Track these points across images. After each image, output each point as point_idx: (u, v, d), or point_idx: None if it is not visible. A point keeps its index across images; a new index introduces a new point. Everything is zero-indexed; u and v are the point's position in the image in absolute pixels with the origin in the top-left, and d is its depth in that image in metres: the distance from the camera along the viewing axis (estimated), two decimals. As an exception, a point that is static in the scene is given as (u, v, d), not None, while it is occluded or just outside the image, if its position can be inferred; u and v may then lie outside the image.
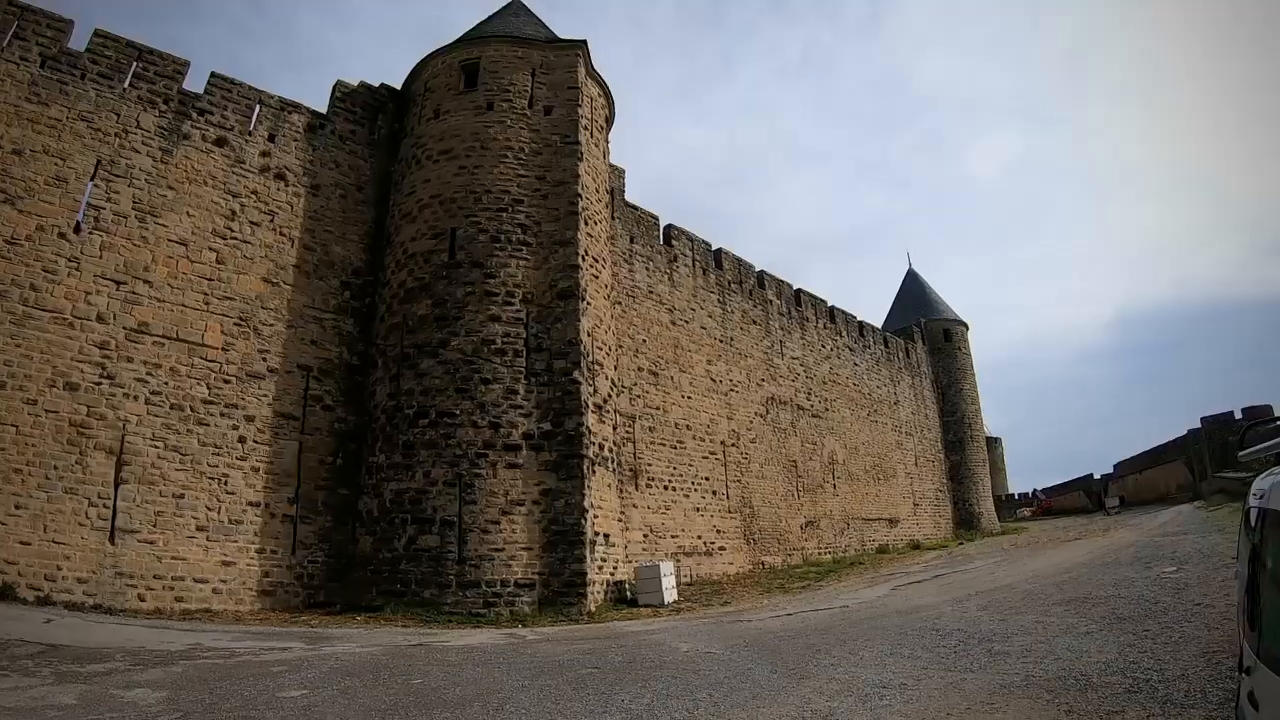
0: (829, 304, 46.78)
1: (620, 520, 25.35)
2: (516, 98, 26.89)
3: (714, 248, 38.05)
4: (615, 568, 23.53)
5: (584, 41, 28.59)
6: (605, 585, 22.50)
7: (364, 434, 23.99)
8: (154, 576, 19.95)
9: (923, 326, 60.48)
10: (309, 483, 22.98)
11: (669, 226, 35.55)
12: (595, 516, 22.54)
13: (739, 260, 39.21)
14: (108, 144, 22.58)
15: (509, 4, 32.25)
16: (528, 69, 27.50)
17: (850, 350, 47.46)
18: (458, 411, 22.52)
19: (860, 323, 50.12)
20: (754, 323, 38.62)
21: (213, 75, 25.13)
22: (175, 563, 20.32)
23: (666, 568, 23.74)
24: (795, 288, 43.73)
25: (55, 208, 21.42)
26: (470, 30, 29.85)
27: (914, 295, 66.08)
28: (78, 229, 21.54)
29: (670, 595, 23.07)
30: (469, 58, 27.71)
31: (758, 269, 40.79)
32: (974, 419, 59.61)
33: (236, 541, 21.37)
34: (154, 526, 20.34)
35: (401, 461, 22.43)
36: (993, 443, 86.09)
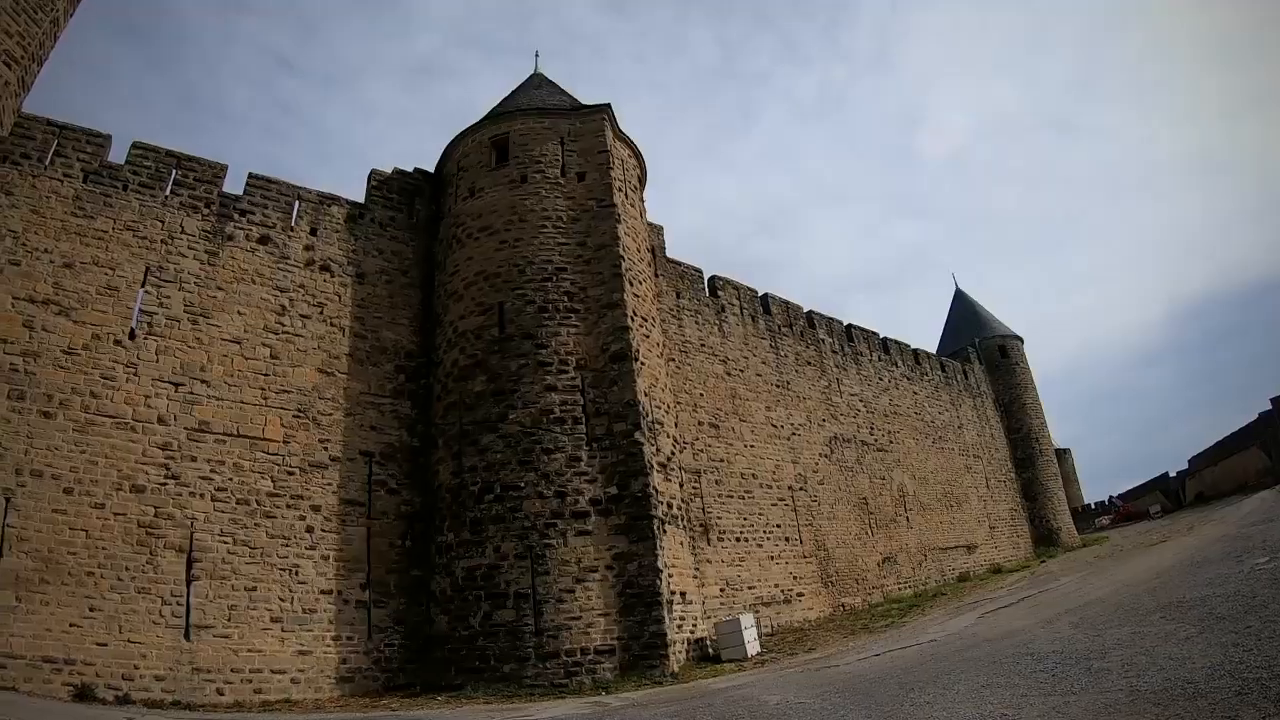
0: (881, 336, 46.53)
1: (695, 577, 25.24)
2: (549, 167, 27.37)
3: (760, 294, 38.23)
4: (695, 625, 23.31)
5: (608, 105, 29.08)
6: (686, 644, 22.26)
7: (431, 514, 24.15)
8: (231, 670, 20.23)
9: (977, 346, 59.72)
10: (380, 566, 23.15)
11: (713, 278, 35.86)
12: (670, 576, 22.37)
13: (786, 303, 39.33)
14: (155, 251, 23.47)
15: (530, 77, 32.98)
16: (556, 138, 28.01)
17: (908, 380, 47.11)
18: (522, 484, 22.58)
19: (915, 351, 49.74)
20: (808, 364, 38.58)
21: (250, 176, 25.97)
22: (252, 655, 20.60)
23: (747, 620, 23.54)
24: (846, 323, 43.59)
25: (109, 316, 22.31)
26: (496, 107, 30.54)
27: (964, 316, 65.38)
28: (132, 335, 22.39)
29: (753, 647, 22.84)
30: (498, 133, 28.34)
31: (806, 309, 40.81)
32: (1040, 433, 58.38)
33: (312, 630, 21.57)
34: (228, 620, 20.69)
35: (470, 538, 22.56)
36: (1062, 455, 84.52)
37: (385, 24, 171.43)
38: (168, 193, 24.41)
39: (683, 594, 22.99)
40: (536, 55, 35.49)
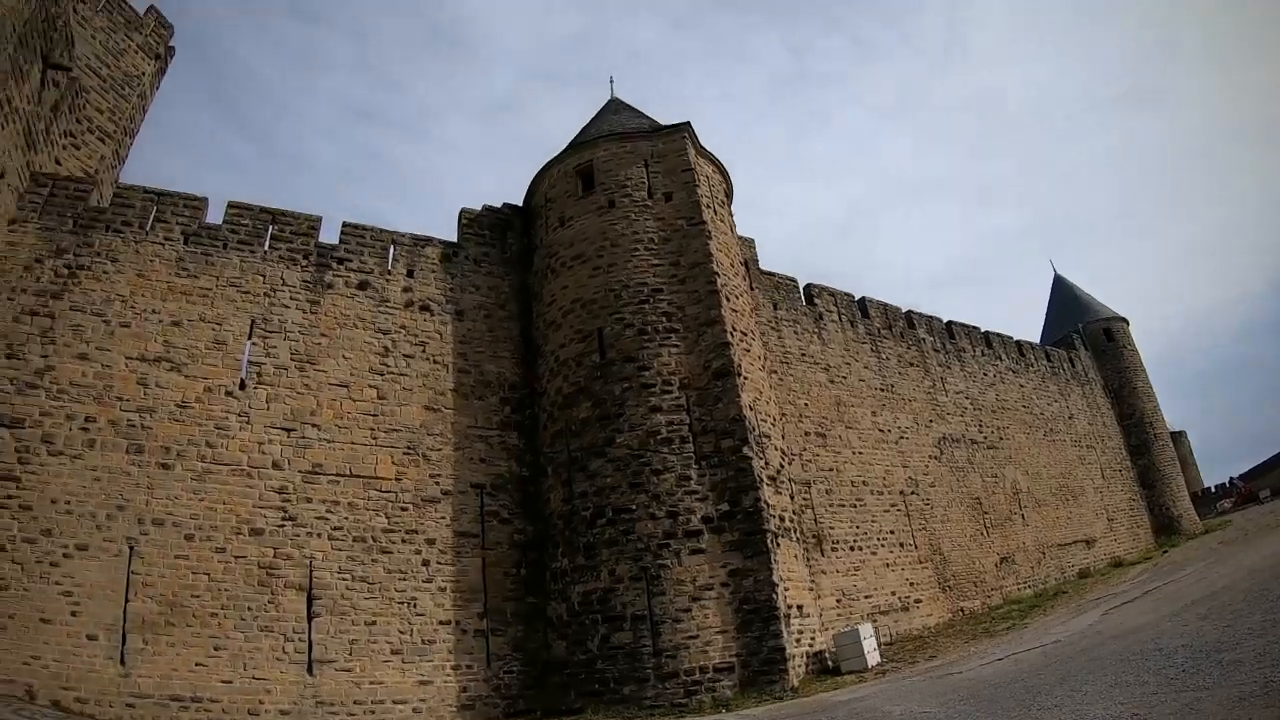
0: (982, 330, 45.85)
1: (811, 589, 25.19)
2: (635, 191, 27.83)
3: (857, 298, 38.11)
4: (813, 638, 23.26)
5: (688, 123, 29.44)
6: (805, 657, 22.22)
7: (544, 541, 24.68)
8: (354, 702, 21.14)
9: (1081, 331, 58.20)
10: (496, 595, 23.78)
11: (809, 286, 35.92)
12: (786, 590, 22.35)
13: (884, 305, 39.10)
14: (258, 304, 24.91)
15: (608, 103, 33.54)
16: (640, 161, 28.49)
17: (1013, 373, 46.30)
18: (634, 506, 22.91)
19: (1018, 342, 48.80)
20: (911, 364, 38.29)
21: (345, 225, 27.28)
22: (374, 687, 21.48)
23: (865, 630, 23.39)
24: (946, 320, 43.09)
25: (219, 369, 23.87)
26: (577, 136, 31.19)
27: (1065, 302, 63.75)
28: (242, 385, 23.84)
29: (873, 658, 22.69)
30: (582, 162, 28.95)
31: (904, 310, 40.50)
32: (1154, 417, 56.63)
33: (432, 661, 22.31)
34: (350, 654, 21.67)
35: (585, 563, 22.98)
36: (1177, 438, 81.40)
37: (458, 67, 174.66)
38: (266, 247, 25.89)
39: (799, 607, 22.94)
40: (611, 81, 36.22)
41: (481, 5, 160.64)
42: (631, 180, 28.03)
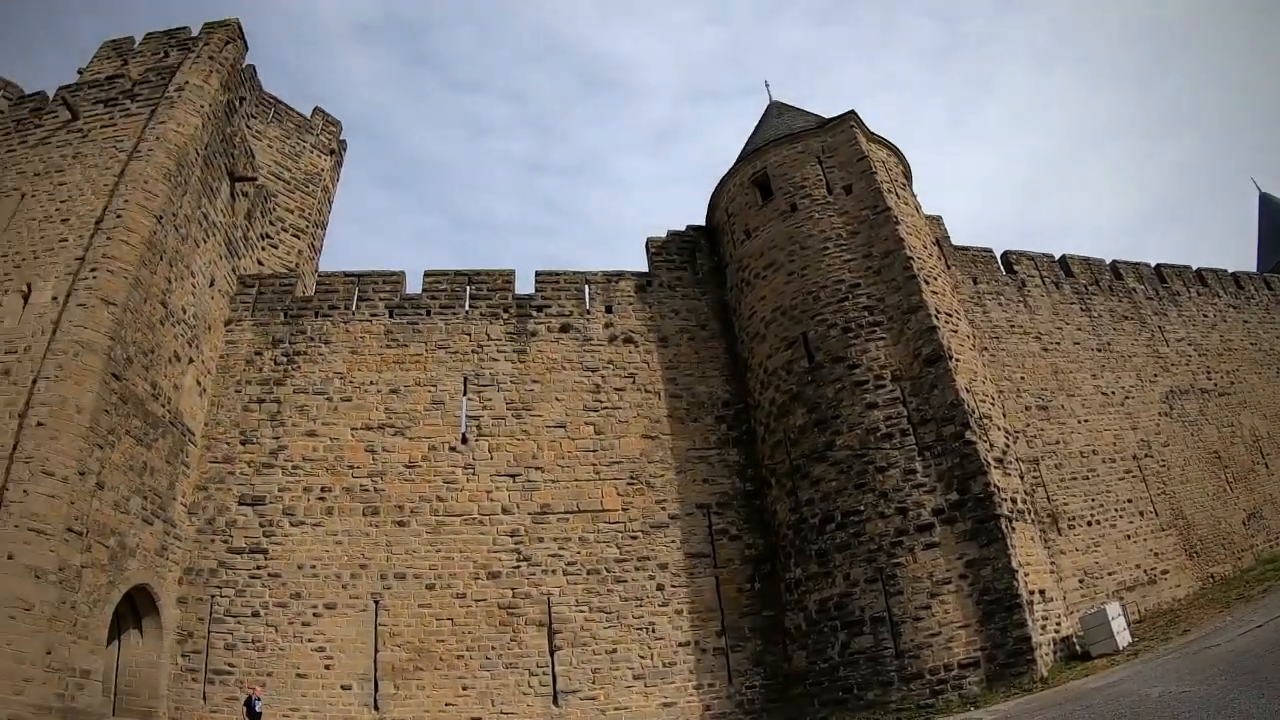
0: (1195, 268, 43.21)
1: (1051, 572, 24.38)
2: (814, 189, 27.83)
3: (1057, 257, 36.63)
4: (1058, 623, 22.42)
5: (852, 112, 29.26)
6: (1052, 644, 21.40)
7: (774, 553, 24.85)
8: None
9: (1302, 248, 54.03)
10: (732, 613, 24.12)
11: (1006, 253, 34.96)
12: (1026, 575, 21.62)
13: (1087, 260, 37.45)
14: (468, 361, 26.58)
15: (769, 108, 33.69)
16: (812, 159, 28.49)
17: (1234, 309, 43.17)
18: (861, 507, 22.80)
19: (1234, 275, 45.51)
20: (1125, 318, 36.45)
21: (538, 273, 28.70)
22: (619, 712, 22.40)
23: (1113, 610, 22.32)
24: (1154, 265, 40.88)
25: (440, 427, 25.67)
26: (745, 146, 31.48)
27: (1277, 221, 59.65)
28: (464, 440, 25.45)
29: (1123, 638, 21.65)
30: (755, 171, 29.26)
31: (1108, 261, 38.66)
32: (1404, 334, 51.81)
33: (673, 682, 22.95)
34: (593, 683, 22.70)
35: (818, 570, 22.99)
36: None
37: (615, 106, 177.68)
38: (467, 307, 27.70)
39: (1041, 592, 22.17)
40: (767, 85, 36.30)
41: (623, 43, 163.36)
42: (808, 180, 28.00)
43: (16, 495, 19.18)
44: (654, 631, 23.52)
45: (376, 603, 23.56)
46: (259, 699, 21.14)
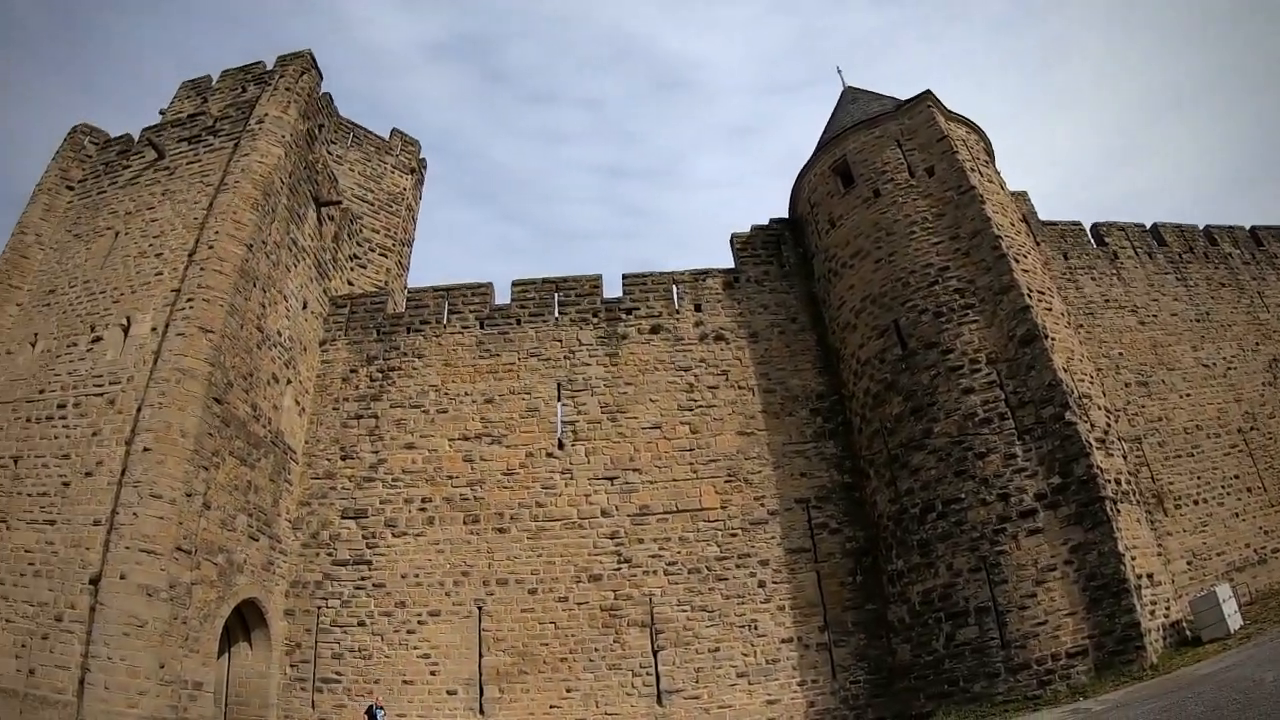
0: (1294, 224, 41.37)
1: (1159, 554, 23.59)
2: (896, 173, 27.51)
3: (1148, 226, 35.63)
4: (1167, 607, 21.55)
5: (928, 91, 28.83)
6: (1161, 630, 20.61)
7: (875, 545, 24.58)
8: None
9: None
10: (834, 607, 23.94)
11: (1095, 225, 34.18)
12: (1133, 559, 20.90)
13: (1179, 227, 36.30)
14: (561, 367, 26.95)
15: (843, 94, 33.38)
16: (891, 142, 28.17)
17: (1337, 264, 41.63)
18: (962, 494, 22.41)
19: (1334, 229, 43.77)
20: (1222, 285, 35.22)
21: (624, 276, 28.93)
22: (723, 711, 22.47)
23: (1223, 592, 21.46)
24: (1249, 227, 39.36)
25: (536, 434, 26.08)
26: (822, 135, 31.29)
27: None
28: (561, 445, 25.80)
29: (1234, 621, 20.82)
30: (835, 160, 29.05)
31: (1202, 227, 37.46)
32: None
33: (777, 679, 22.91)
34: (696, 682, 22.81)
35: (920, 561, 22.71)
36: None
37: (687, 105, 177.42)
38: (556, 314, 28.08)
39: (1149, 575, 21.36)
40: (839, 71, 35.30)
41: (691, 42, 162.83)
42: (889, 164, 27.71)
43: (127, 518, 20.15)
44: (756, 629, 23.52)
45: (480, 608, 24.04)
46: (381, 709, 21.85)
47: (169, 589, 19.97)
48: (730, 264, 29.70)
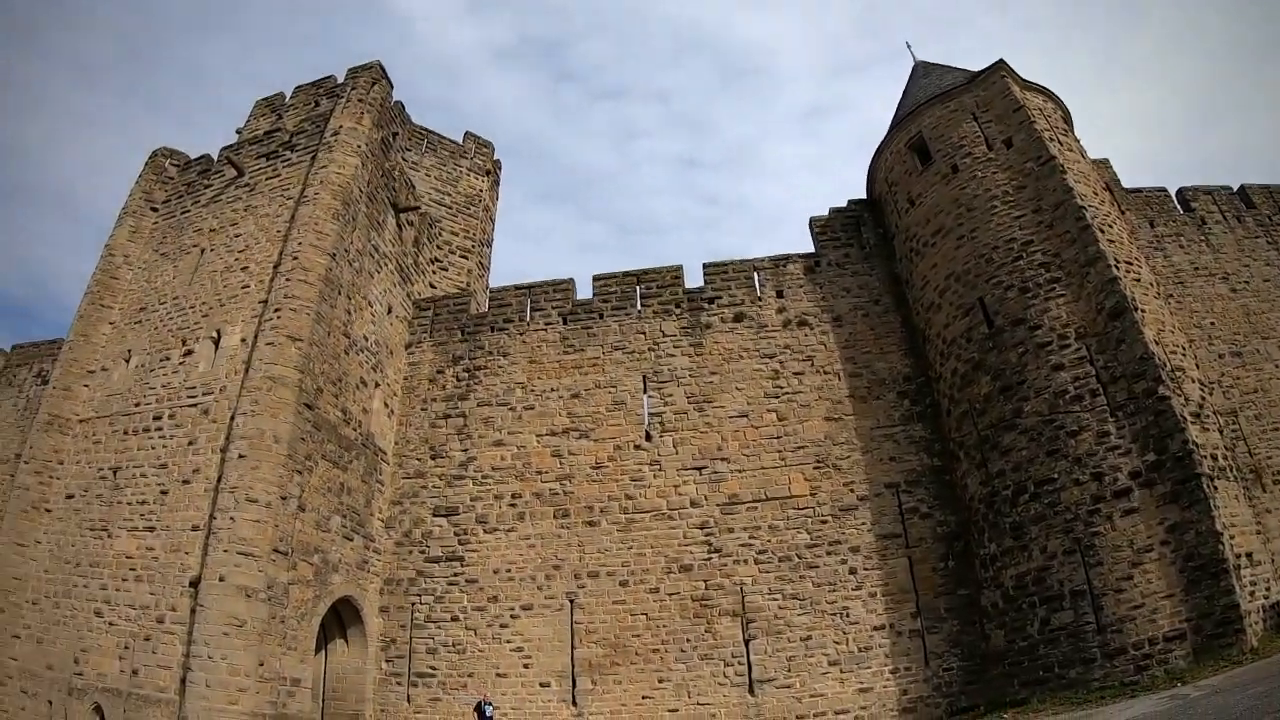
0: (1383, 182, 39.99)
1: (1258, 532, 22.65)
2: (973, 148, 27.02)
3: (1235, 188, 34.56)
4: (1267, 588, 20.51)
5: (1001, 61, 28.25)
6: (1262, 612, 19.67)
7: (967, 529, 24.20)
8: (796, 717, 22.27)
9: None
10: (926, 593, 23.66)
11: (1181, 190, 33.13)
12: (1231, 538, 20.01)
13: (1267, 189, 35.04)
14: (646, 359, 27.09)
15: (914, 69, 32.98)
16: (967, 116, 27.70)
17: None
18: (1055, 475, 21.88)
19: None
20: (1317, 246, 34.14)
21: (705, 265, 29.01)
22: (815, 700, 22.40)
23: None
24: (1341, 184, 38.09)
25: (623, 427, 26.31)
26: (896, 112, 30.91)
27: None
28: (648, 437, 26.00)
29: None
30: (911, 136, 28.70)
31: (1288, 183, 36.28)
32: None
33: (869, 667, 22.78)
34: (788, 671, 22.78)
35: (1013, 544, 22.23)
36: None
37: (756, 93, 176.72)
38: (639, 307, 28.30)
39: (1248, 555, 20.44)
40: (909, 46, 34.88)
41: (756, 29, 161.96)
42: (966, 138, 27.24)
43: (224, 522, 20.90)
44: (848, 616, 23.40)
45: (571, 601, 24.34)
46: (489, 704, 22.19)
47: (267, 589, 20.70)
48: (810, 248, 29.48)
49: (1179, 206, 32.60)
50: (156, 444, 24.16)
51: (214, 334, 24.98)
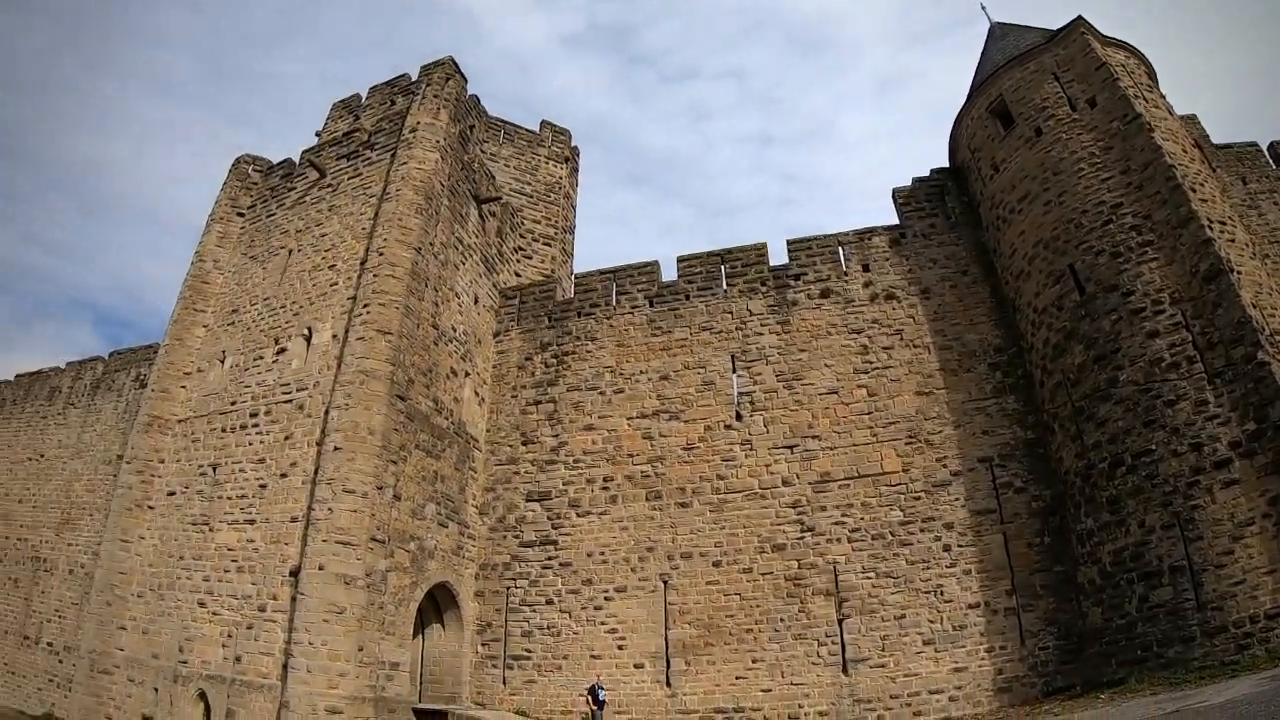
0: None
1: (1365, 503, 22.00)
2: (1056, 109, 26.37)
3: (1325, 139, 33.27)
4: None
5: (1080, 18, 27.50)
6: None
7: (1062, 503, 23.51)
8: (890, 696, 22.15)
9: None
10: (1022, 570, 23.17)
11: (1273, 144, 31.79)
12: None
13: (1364, 134, 33.88)
14: (733, 339, 27.05)
15: (990, 31, 32.18)
16: (1048, 76, 27.06)
17: None
18: (1152, 446, 21.03)
19: None
20: None
21: (789, 242, 28.76)
22: (909, 679, 22.31)
23: None
24: None
25: (713, 407, 26.34)
26: (974, 77, 30.26)
27: None
28: (739, 416, 26.03)
29: None
30: (991, 101, 28.16)
31: (1388, 132, 34.93)
32: None
33: (964, 646, 22.52)
34: (882, 650, 22.71)
35: (1110, 519, 21.53)
36: None
37: (829, 65, 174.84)
38: (725, 286, 28.23)
39: None
40: (984, 8, 33.72)
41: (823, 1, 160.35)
42: (1048, 100, 26.58)
43: (322, 513, 21.56)
44: (942, 594, 23.15)
45: (665, 583, 24.57)
46: (602, 687, 22.80)
47: (365, 577, 21.37)
48: (894, 220, 29.05)
49: (1272, 162, 31.32)
50: (254, 440, 24.96)
51: (305, 331, 25.63)
